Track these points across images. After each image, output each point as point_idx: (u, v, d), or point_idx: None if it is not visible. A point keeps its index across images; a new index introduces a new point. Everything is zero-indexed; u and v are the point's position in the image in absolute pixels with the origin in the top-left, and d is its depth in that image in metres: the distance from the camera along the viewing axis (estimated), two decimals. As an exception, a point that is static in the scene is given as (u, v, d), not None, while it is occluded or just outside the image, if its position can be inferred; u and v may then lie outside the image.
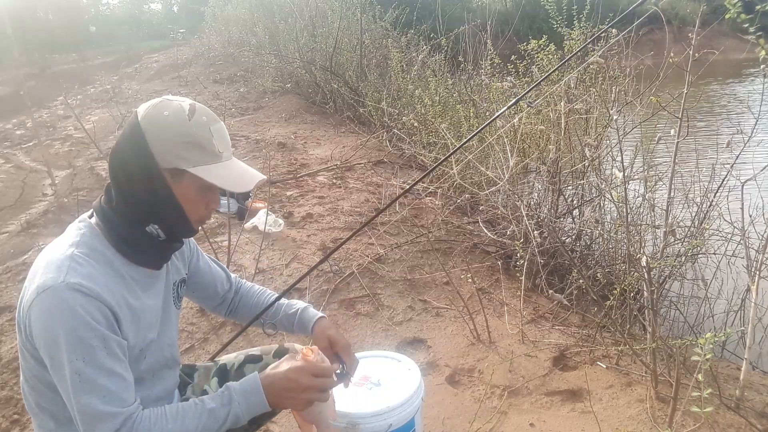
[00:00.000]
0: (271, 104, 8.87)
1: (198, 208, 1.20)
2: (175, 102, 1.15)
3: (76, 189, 5.26)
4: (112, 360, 1.05)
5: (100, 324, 1.04)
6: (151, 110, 1.13)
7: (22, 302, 1.09)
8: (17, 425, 2.22)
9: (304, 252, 3.49)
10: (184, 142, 1.12)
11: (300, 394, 1.16)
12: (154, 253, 1.22)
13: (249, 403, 1.14)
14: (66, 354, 1.01)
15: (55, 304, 1.01)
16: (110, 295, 1.08)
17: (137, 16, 29.44)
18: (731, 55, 4.18)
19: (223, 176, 1.15)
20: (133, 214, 1.15)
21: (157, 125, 1.11)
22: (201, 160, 1.13)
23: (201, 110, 1.16)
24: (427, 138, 5.04)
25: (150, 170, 1.12)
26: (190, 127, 1.13)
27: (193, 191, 1.16)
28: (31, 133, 8.34)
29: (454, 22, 7.30)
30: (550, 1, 3.89)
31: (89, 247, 1.12)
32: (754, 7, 1.90)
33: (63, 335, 1.01)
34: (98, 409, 1.02)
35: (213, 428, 1.11)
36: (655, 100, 2.37)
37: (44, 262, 1.09)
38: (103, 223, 1.16)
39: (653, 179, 2.82)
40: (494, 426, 2.10)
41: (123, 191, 1.15)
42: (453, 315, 2.90)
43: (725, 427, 1.96)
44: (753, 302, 2.10)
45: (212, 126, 1.16)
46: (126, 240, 1.16)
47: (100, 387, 1.02)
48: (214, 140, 1.15)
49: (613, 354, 2.47)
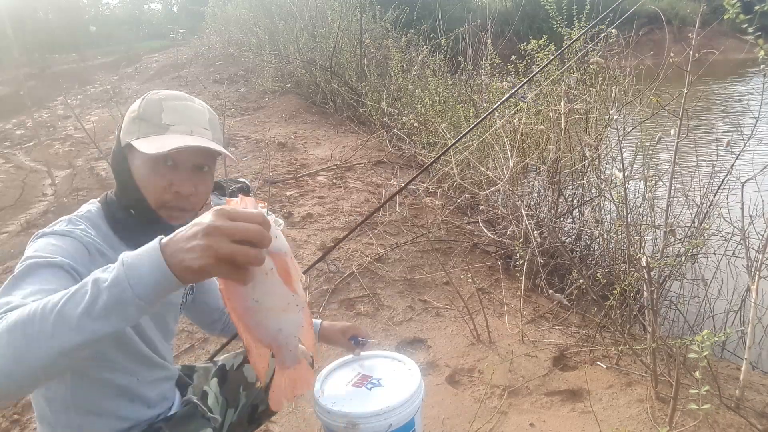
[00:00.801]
0: (271, 104, 8.87)
1: (154, 187, 1.12)
2: (156, 90, 1.21)
3: (76, 189, 5.26)
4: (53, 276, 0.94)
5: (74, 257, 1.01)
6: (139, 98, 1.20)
7: None
8: (17, 425, 2.22)
9: (304, 252, 3.49)
10: (132, 117, 1.16)
11: (204, 240, 0.72)
12: (131, 230, 1.17)
13: (137, 264, 0.75)
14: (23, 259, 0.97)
15: (44, 240, 1.04)
16: (98, 251, 1.08)
17: (137, 16, 29.44)
18: (731, 55, 4.18)
19: (152, 143, 1.08)
20: (119, 198, 1.20)
21: (129, 109, 1.19)
22: (143, 132, 1.13)
23: (167, 93, 1.19)
24: (427, 138, 5.04)
25: (115, 150, 1.20)
26: (140, 104, 1.16)
27: (141, 164, 1.13)
28: (31, 133, 8.34)
29: (454, 22, 7.30)
30: (550, 1, 3.89)
31: (90, 221, 1.16)
32: (753, 7, 1.90)
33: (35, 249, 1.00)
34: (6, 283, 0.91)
35: (84, 300, 0.74)
36: (655, 100, 2.37)
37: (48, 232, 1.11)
38: (103, 205, 1.21)
39: (653, 179, 2.82)
40: (494, 426, 2.10)
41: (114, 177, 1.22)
42: (453, 315, 2.90)
43: (725, 427, 1.96)
44: (753, 302, 2.10)
45: (166, 102, 1.15)
46: (119, 220, 1.18)
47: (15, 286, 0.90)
48: (162, 113, 1.13)
49: (613, 354, 2.47)
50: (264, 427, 2.02)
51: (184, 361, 2.39)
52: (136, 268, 0.74)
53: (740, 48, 2.17)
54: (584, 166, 3.47)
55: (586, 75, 3.52)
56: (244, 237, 0.73)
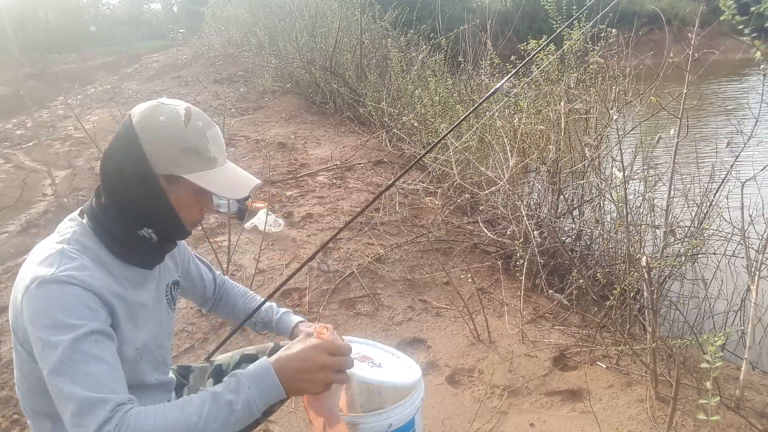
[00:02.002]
0: (271, 104, 8.87)
1: (192, 213, 1.19)
2: (170, 106, 1.12)
3: (76, 189, 5.26)
4: (101, 349, 0.98)
5: (92, 311, 1.01)
6: (146, 115, 1.11)
7: (15, 300, 1.07)
8: (17, 425, 2.22)
9: (304, 252, 3.49)
10: (180, 149, 1.10)
11: (316, 374, 1.06)
12: (146, 254, 1.20)
13: (261, 389, 1.01)
14: (53, 340, 0.95)
15: (46, 294, 0.99)
16: (103, 288, 1.06)
17: (137, 16, 29.44)
18: (731, 55, 4.18)
19: (219, 183, 1.14)
20: (126, 218, 1.14)
21: (152, 131, 1.09)
22: (197, 167, 1.12)
23: (196, 115, 1.14)
24: (427, 138, 5.04)
25: (145, 176, 1.10)
26: (186, 132, 1.11)
27: (189, 197, 1.15)
28: (31, 133, 8.34)
29: (454, 22, 7.30)
30: (549, 1, 3.89)
31: (80, 244, 1.11)
32: (749, 8, 1.91)
33: (52, 322, 0.97)
34: (84, 396, 0.92)
35: (220, 418, 0.97)
36: (655, 101, 2.37)
37: (35, 259, 1.07)
38: (91, 221, 1.15)
39: (653, 179, 2.82)
40: (494, 426, 2.10)
41: (116, 195, 1.13)
42: (453, 315, 2.90)
43: (725, 427, 1.96)
44: (753, 302, 2.10)
45: (208, 131, 1.14)
46: (118, 240, 1.14)
47: (87, 374, 0.95)
48: (209, 146, 1.14)
49: (613, 354, 2.47)
50: (263, 426, 2.02)
51: (184, 361, 2.39)
52: (263, 392, 1.01)
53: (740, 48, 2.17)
54: (584, 166, 3.47)
55: (586, 75, 3.52)
56: (341, 368, 1.10)
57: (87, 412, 0.92)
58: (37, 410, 1.14)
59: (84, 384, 0.93)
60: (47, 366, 0.96)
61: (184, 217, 1.18)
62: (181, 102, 1.16)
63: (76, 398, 0.93)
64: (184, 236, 1.24)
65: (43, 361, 0.97)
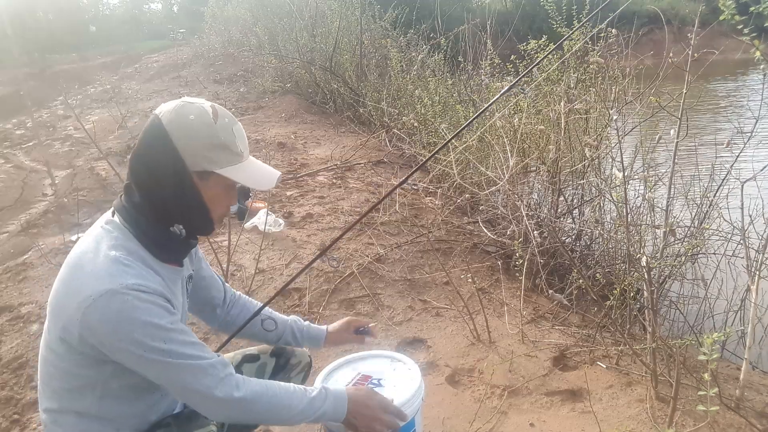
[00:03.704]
0: (271, 104, 8.87)
1: (221, 207, 1.25)
2: (196, 104, 1.17)
3: (76, 189, 5.26)
4: (185, 334, 1.15)
5: (166, 311, 1.12)
6: (175, 114, 1.15)
7: (66, 310, 1.10)
8: (17, 425, 2.22)
9: (304, 252, 3.49)
10: (211, 145, 1.15)
11: (371, 422, 1.31)
12: (176, 250, 1.26)
13: (334, 410, 1.28)
14: (149, 343, 1.08)
15: (122, 306, 1.06)
16: (161, 288, 1.14)
17: (137, 16, 29.39)
18: (731, 55, 4.18)
19: (248, 175, 1.21)
20: (159, 215, 1.19)
21: (183, 129, 1.14)
22: (226, 161, 1.18)
23: (222, 112, 1.19)
24: (427, 138, 5.04)
25: (180, 174, 1.15)
26: (216, 129, 1.16)
27: (219, 191, 1.21)
28: (31, 133, 8.35)
29: (454, 22, 7.30)
30: (549, 1, 3.88)
31: (126, 249, 1.15)
32: (748, 8, 1.91)
33: (139, 330, 1.07)
34: (197, 365, 1.13)
35: (306, 415, 1.25)
36: (655, 101, 2.37)
37: (89, 270, 1.11)
38: (129, 223, 1.19)
39: (653, 179, 2.82)
40: (494, 426, 2.10)
41: (149, 193, 1.17)
42: (453, 315, 2.90)
43: (725, 427, 1.96)
44: (753, 302, 2.10)
45: (234, 127, 1.20)
46: (153, 239, 1.19)
47: (189, 355, 1.13)
48: (236, 141, 1.20)
49: (613, 354, 2.47)
50: (263, 426, 2.02)
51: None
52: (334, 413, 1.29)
53: (740, 48, 2.17)
54: (584, 166, 3.47)
55: (586, 75, 3.51)
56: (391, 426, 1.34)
57: (205, 377, 1.13)
58: (65, 407, 1.18)
59: (191, 360, 1.13)
60: (150, 367, 1.11)
61: (214, 211, 1.24)
62: (203, 100, 1.21)
63: (193, 374, 1.13)
64: (211, 231, 1.28)
65: (143, 365, 1.11)
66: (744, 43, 1.83)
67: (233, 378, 1.19)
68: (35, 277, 3.44)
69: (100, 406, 1.17)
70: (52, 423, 1.20)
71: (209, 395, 1.14)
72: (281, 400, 1.23)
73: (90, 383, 1.15)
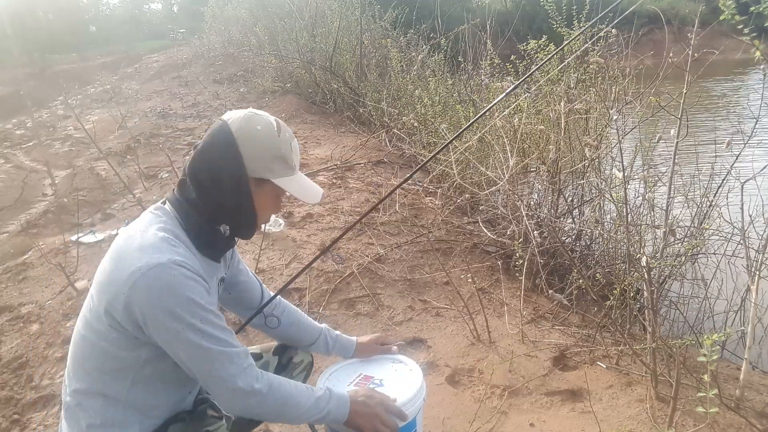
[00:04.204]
0: (271, 104, 8.86)
1: (267, 214, 1.34)
2: (263, 116, 1.28)
3: (76, 189, 5.26)
4: (219, 318, 1.21)
5: (205, 291, 1.19)
6: (245, 122, 1.25)
7: (114, 284, 1.15)
8: (17, 425, 2.22)
9: (304, 252, 3.49)
10: (273, 156, 1.25)
11: (372, 420, 1.35)
12: (218, 248, 1.33)
13: (337, 409, 1.33)
14: (187, 319, 1.13)
15: (168, 279, 1.12)
16: (202, 272, 1.21)
17: (137, 16, 29.38)
18: (731, 55, 4.19)
19: (298, 188, 1.31)
20: (211, 214, 1.26)
21: (250, 138, 1.23)
22: (283, 172, 1.28)
23: (284, 127, 1.30)
24: (427, 138, 5.04)
25: (239, 178, 1.24)
26: (279, 141, 1.26)
27: (269, 199, 1.31)
28: (31, 133, 8.35)
29: (454, 22, 7.29)
30: (549, 1, 3.88)
31: (173, 234, 1.22)
32: (748, 8, 1.91)
33: (181, 305, 1.13)
34: (226, 352, 1.18)
35: (311, 414, 1.30)
36: (655, 101, 2.37)
37: (137, 245, 1.17)
38: (180, 214, 1.26)
39: (653, 179, 2.82)
40: (494, 426, 2.10)
41: (206, 193, 1.25)
42: (453, 315, 2.90)
43: (725, 427, 1.96)
44: (753, 302, 2.10)
45: (292, 142, 1.30)
46: (200, 233, 1.26)
47: (220, 339, 1.18)
48: (293, 155, 1.30)
49: (613, 354, 2.47)
50: (264, 426, 2.02)
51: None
52: (337, 414, 1.33)
53: (740, 48, 2.17)
54: (584, 166, 3.47)
55: (586, 75, 3.52)
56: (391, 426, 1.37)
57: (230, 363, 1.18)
58: (93, 389, 1.21)
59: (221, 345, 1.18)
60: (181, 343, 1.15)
61: (260, 217, 1.32)
62: (269, 114, 1.31)
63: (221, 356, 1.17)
64: (251, 234, 1.35)
65: (175, 339, 1.15)
66: (744, 43, 1.84)
67: (254, 369, 1.24)
68: (35, 277, 3.44)
69: (129, 393, 1.21)
70: (77, 406, 1.22)
71: (232, 384, 1.18)
72: (292, 397, 1.28)
73: (124, 367, 1.20)
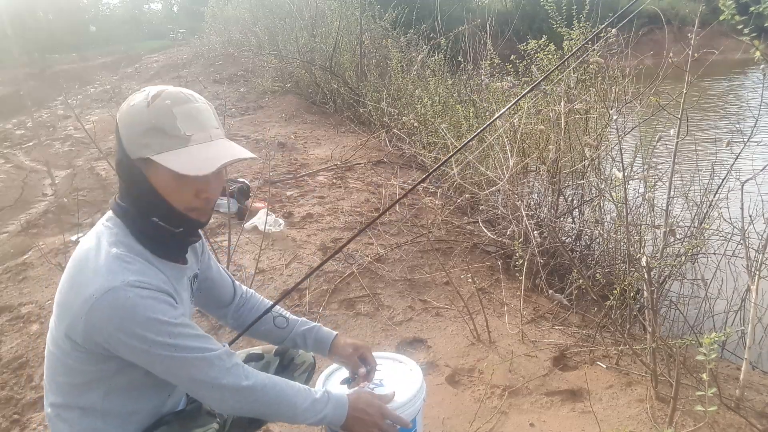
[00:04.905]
0: (271, 104, 8.87)
1: (182, 197, 1.14)
2: (144, 91, 1.13)
3: (76, 189, 5.26)
4: (190, 327, 1.15)
5: (169, 306, 1.12)
6: (125, 103, 1.14)
7: (71, 308, 1.10)
8: (17, 425, 2.22)
9: (304, 252, 3.49)
10: (144, 130, 1.09)
11: (369, 427, 1.33)
12: (172, 246, 1.24)
13: (335, 412, 1.29)
14: (154, 338, 1.08)
15: (124, 302, 1.06)
16: (164, 284, 1.14)
17: (137, 16, 29.39)
18: (731, 55, 4.19)
19: (184, 161, 1.08)
20: (135, 208, 1.18)
21: (124, 116, 1.12)
22: (164, 146, 1.09)
23: (167, 94, 1.11)
24: (427, 138, 5.04)
25: (125, 162, 1.14)
26: (149, 113, 1.09)
27: (168, 179, 1.11)
28: (31, 133, 8.35)
29: (454, 22, 7.29)
30: (549, 1, 3.88)
31: (127, 245, 1.15)
32: (748, 8, 1.91)
33: (143, 326, 1.07)
34: (204, 357, 1.13)
35: (307, 416, 1.26)
36: (655, 101, 2.37)
37: (91, 267, 1.10)
38: (126, 220, 1.19)
39: (653, 179, 2.82)
40: (494, 426, 2.10)
41: (121, 187, 1.20)
42: (453, 315, 2.90)
43: (725, 427, 1.96)
44: (753, 302, 2.10)
45: (176, 108, 1.10)
46: (145, 234, 1.18)
47: (195, 348, 1.13)
48: (177, 122, 1.09)
49: (613, 354, 2.47)
50: (264, 427, 2.02)
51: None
52: (334, 417, 1.29)
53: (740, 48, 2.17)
54: (584, 166, 3.47)
55: (586, 75, 3.51)
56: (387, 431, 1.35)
57: (210, 368, 1.14)
58: (69, 402, 1.19)
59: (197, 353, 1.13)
60: (156, 363, 1.11)
61: (175, 202, 1.14)
62: (167, 86, 1.14)
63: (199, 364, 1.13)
64: (192, 224, 1.20)
65: (149, 361, 1.11)
66: (744, 43, 1.84)
67: (240, 367, 1.20)
68: (35, 277, 3.44)
69: (104, 403, 1.18)
70: (57, 417, 1.20)
71: (217, 385, 1.15)
72: (287, 396, 1.24)
73: (95, 379, 1.16)
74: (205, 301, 1.53)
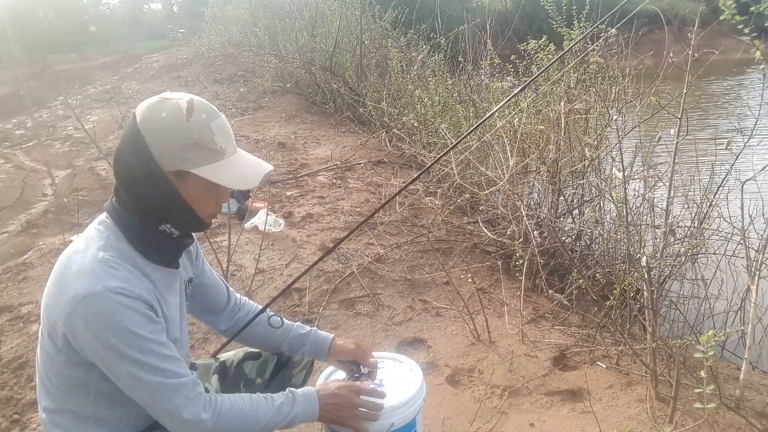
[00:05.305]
0: (271, 104, 8.87)
1: (207, 205, 1.20)
2: (172, 101, 1.12)
3: (76, 189, 5.26)
4: (163, 347, 1.12)
5: (147, 319, 1.09)
6: (149, 112, 1.11)
7: (55, 309, 1.09)
8: (17, 425, 2.22)
9: (304, 252, 3.49)
10: (185, 144, 1.09)
11: (351, 411, 1.31)
12: (168, 251, 1.23)
13: (305, 410, 1.27)
14: (124, 351, 1.06)
15: (102, 310, 1.04)
16: (147, 293, 1.12)
17: (137, 16, 29.43)
18: (731, 55, 4.19)
19: (228, 175, 1.14)
20: (145, 214, 1.16)
21: (155, 128, 1.09)
22: (204, 160, 1.12)
23: (199, 107, 1.13)
24: (427, 138, 5.04)
25: (154, 174, 1.11)
26: (190, 127, 1.10)
27: (201, 190, 1.15)
28: (31, 133, 8.35)
29: (454, 22, 7.29)
30: (549, 1, 3.88)
31: (116, 250, 1.13)
32: (749, 8, 1.91)
33: (117, 336, 1.05)
34: (168, 384, 1.10)
35: (275, 422, 1.24)
36: (655, 101, 2.37)
37: (75, 269, 1.09)
38: (120, 224, 1.16)
39: (653, 179, 2.82)
40: (494, 426, 2.10)
41: (131, 194, 1.15)
42: (453, 315, 2.90)
43: (725, 426, 1.96)
44: (753, 302, 2.10)
45: (212, 123, 1.13)
46: (142, 239, 1.17)
47: (162, 370, 1.10)
48: (215, 137, 1.13)
49: (613, 354, 2.47)
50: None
51: (184, 361, 2.39)
52: (306, 412, 1.27)
53: (740, 48, 2.17)
54: (584, 166, 3.47)
55: (586, 75, 3.51)
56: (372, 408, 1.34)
57: (175, 396, 1.11)
58: (60, 407, 1.18)
59: (162, 376, 1.09)
60: (122, 375, 1.09)
61: (200, 210, 1.19)
62: (184, 95, 1.15)
63: (163, 389, 1.10)
64: (203, 228, 1.25)
65: (117, 373, 1.09)
66: (744, 43, 1.84)
67: (202, 398, 1.16)
68: (35, 277, 3.44)
69: (94, 407, 1.17)
70: (50, 422, 1.20)
71: (177, 416, 1.11)
72: (247, 414, 1.20)
73: (82, 384, 1.15)
74: (198, 307, 1.50)
